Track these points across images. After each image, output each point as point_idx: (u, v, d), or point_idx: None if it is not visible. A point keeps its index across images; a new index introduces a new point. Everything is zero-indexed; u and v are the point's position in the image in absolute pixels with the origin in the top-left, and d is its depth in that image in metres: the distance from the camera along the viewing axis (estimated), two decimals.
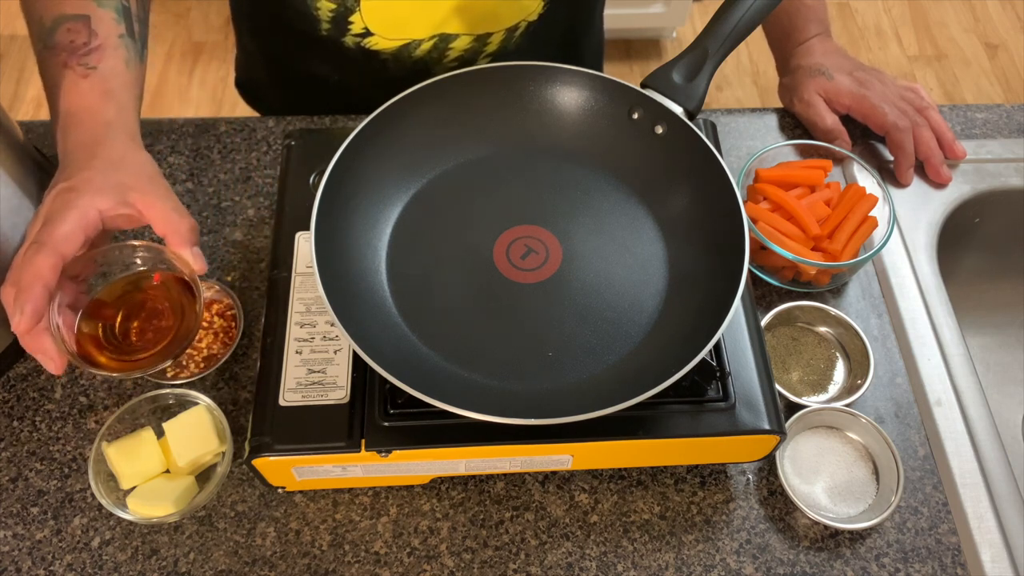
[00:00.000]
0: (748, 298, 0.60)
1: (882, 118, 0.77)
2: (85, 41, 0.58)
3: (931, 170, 0.78)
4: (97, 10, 0.60)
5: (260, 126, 0.80)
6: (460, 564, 0.58)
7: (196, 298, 0.56)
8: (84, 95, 0.57)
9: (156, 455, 0.59)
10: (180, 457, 0.58)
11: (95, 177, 0.53)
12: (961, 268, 0.84)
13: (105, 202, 0.53)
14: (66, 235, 0.51)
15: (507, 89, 0.63)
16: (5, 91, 1.92)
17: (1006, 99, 1.96)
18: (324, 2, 0.74)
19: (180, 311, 0.56)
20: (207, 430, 0.59)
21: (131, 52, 0.61)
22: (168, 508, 0.57)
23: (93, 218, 0.52)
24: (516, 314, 0.57)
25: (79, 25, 0.59)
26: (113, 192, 0.53)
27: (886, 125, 0.77)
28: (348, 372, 0.55)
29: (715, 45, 0.60)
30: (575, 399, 0.52)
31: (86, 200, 0.52)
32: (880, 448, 0.62)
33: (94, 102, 0.57)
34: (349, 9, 0.74)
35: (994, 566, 0.59)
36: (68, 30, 0.59)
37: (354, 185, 0.58)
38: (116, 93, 0.58)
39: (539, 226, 0.60)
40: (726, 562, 0.59)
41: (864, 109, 0.78)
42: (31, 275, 0.50)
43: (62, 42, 0.58)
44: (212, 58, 2.01)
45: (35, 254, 0.50)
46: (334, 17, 0.75)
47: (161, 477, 0.59)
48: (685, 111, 0.59)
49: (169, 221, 0.55)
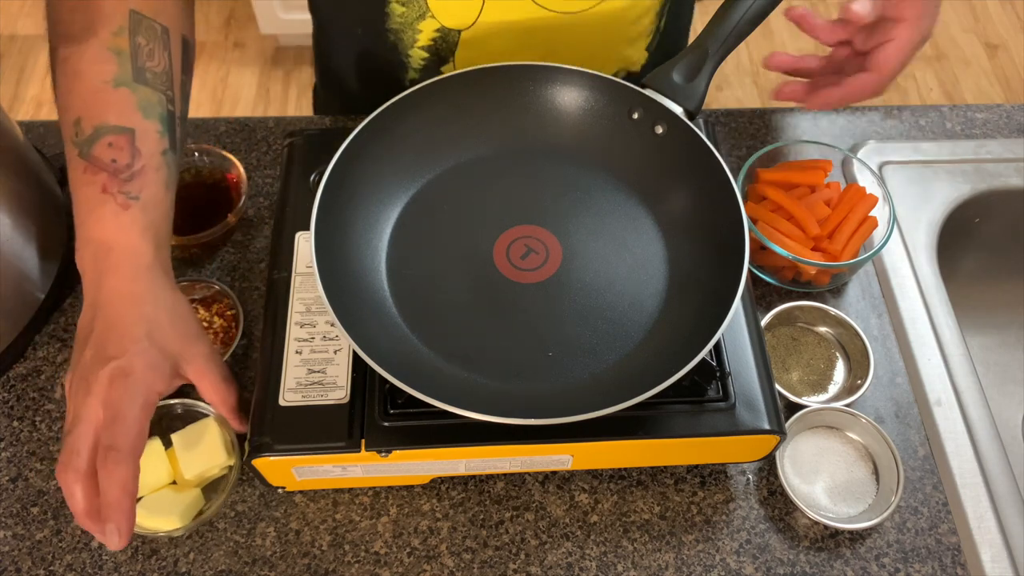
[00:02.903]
0: (748, 298, 0.60)
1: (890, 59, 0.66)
2: (128, 163, 0.54)
3: (823, 96, 0.68)
4: (143, 122, 0.55)
5: (260, 126, 0.80)
6: (460, 564, 0.58)
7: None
8: (125, 230, 0.53)
9: (164, 466, 0.58)
10: (187, 470, 0.58)
11: (146, 351, 0.52)
12: (961, 268, 0.84)
13: (162, 382, 0.53)
14: (138, 434, 0.50)
15: (507, 89, 0.63)
16: (5, 91, 1.92)
17: (1006, 99, 1.96)
18: (417, 51, 0.73)
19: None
20: (215, 443, 0.58)
21: (171, 169, 0.57)
22: (174, 522, 0.56)
23: (153, 404, 0.52)
24: (516, 314, 0.57)
25: (122, 140, 0.54)
26: (167, 368, 0.53)
27: (885, 65, 0.66)
28: (348, 372, 0.55)
29: (715, 45, 0.60)
30: (575, 399, 0.52)
31: (145, 386, 0.51)
32: (880, 448, 0.62)
33: (134, 240, 0.54)
34: (443, 59, 0.74)
35: (994, 566, 0.59)
36: (110, 145, 0.54)
37: (354, 185, 0.58)
38: (156, 227, 0.55)
39: (539, 226, 0.60)
40: (726, 562, 0.59)
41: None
42: (120, 491, 0.48)
43: (102, 159, 0.54)
44: (212, 58, 2.01)
45: (116, 465, 0.48)
46: (425, 66, 0.75)
47: (168, 488, 0.58)
48: (685, 111, 0.59)
49: (218, 391, 0.57)
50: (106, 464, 0.49)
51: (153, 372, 0.52)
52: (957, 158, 0.79)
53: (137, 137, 0.55)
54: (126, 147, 0.54)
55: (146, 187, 0.55)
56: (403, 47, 0.74)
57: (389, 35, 0.73)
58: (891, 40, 0.61)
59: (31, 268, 0.65)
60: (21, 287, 0.64)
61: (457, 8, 0.70)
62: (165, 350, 0.53)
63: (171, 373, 0.54)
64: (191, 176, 0.72)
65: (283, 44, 2.04)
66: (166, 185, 0.56)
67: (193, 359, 0.55)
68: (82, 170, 0.54)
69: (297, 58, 2.02)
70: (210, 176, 0.73)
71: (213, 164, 0.72)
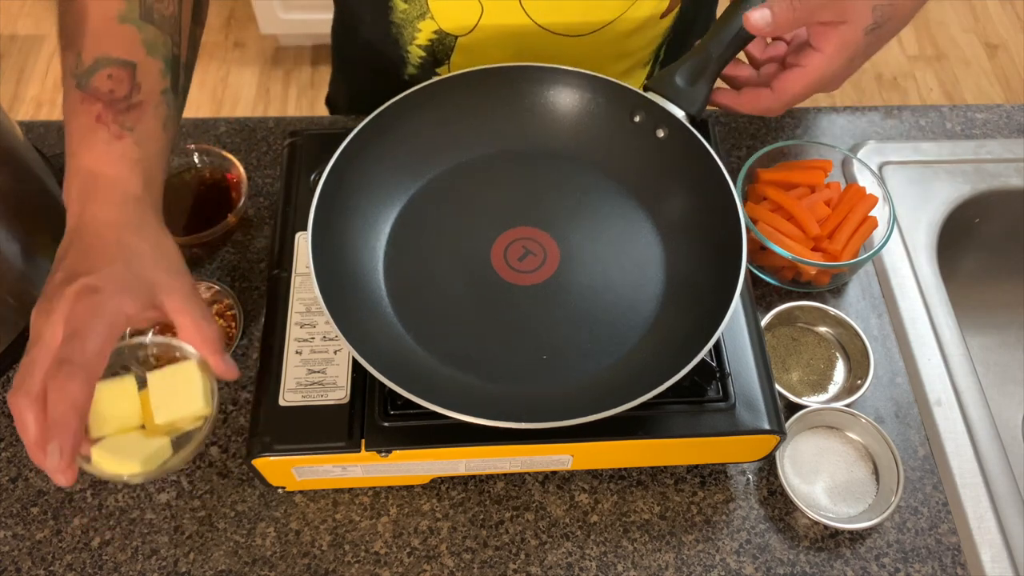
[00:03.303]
0: (748, 298, 0.60)
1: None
2: (126, 94, 0.52)
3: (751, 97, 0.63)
4: (146, 59, 0.54)
5: (260, 126, 0.80)
6: (460, 564, 0.59)
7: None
8: (114, 161, 0.52)
9: (133, 406, 0.52)
10: (159, 414, 0.52)
11: (121, 273, 0.49)
12: (961, 268, 0.84)
13: (133, 306, 0.49)
14: (97, 352, 0.46)
15: (507, 90, 0.63)
16: (5, 91, 1.92)
17: (1006, 99, 1.96)
18: (415, 48, 0.74)
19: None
20: (194, 389, 0.52)
21: (171, 110, 0.56)
22: (134, 467, 0.50)
23: (120, 325, 0.48)
24: (513, 316, 0.57)
25: (123, 73, 0.53)
26: (141, 293, 0.49)
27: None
28: (348, 372, 0.55)
29: (718, 50, 0.60)
30: (574, 401, 0.52)
31: (113, 305, 0.48)
32: (880, 448, 0.62)
33: (124, 171, 0.52)
34: (438, 61, 0.74)
35: (994, 566, 0.59)
36: (109, 76, 0.52)
37: (353, 185, 0.58)
38: (148, 162, 0.53)
39: (537, 228, 0.60)
40: (726, 562, 0.59)
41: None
42: (67, 406, 0.44)
43: (100, 90, 0.52)
44: (212, 58, 2.01)
45: (67, 379, 0.45)
46: (422, 64, 0.76)
47: (135, 432, 0.52)
48: (687, 115, 0.59)
49: (199, 329, 0.51)
50: (56, 377, 0.45)
51: (124, 293, 0.48)
52: (957, 158, 0.79)
53: (138, 71, 0.53)
54: (126, 80, 0.53)
55: (142, 121, 0.53)
56: (403, 42, 0.74)
57: (392, 28, 0.74)
58: (801, 67, 0.60)
59: (31, 268, 0.65)
60: (20, 287, 0.64)
61: (456, 13, 0.70)
62: (141, 276, 0.50)
63: (145, 301, 0.49)
64: (191, 176, 0.72)
65: (283, 44, 2.04)
66: (163, 125, 0.54)
67: (172, 292, 0.51)
68: (79, 100, 0.52)
69: (297, 58, 2.02)
70: (210, 176, 0.73)
71: (213, 164, 0.73)
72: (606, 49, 0.75)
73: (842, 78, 0.60)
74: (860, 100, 1.97)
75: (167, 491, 0.61)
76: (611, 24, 0.72)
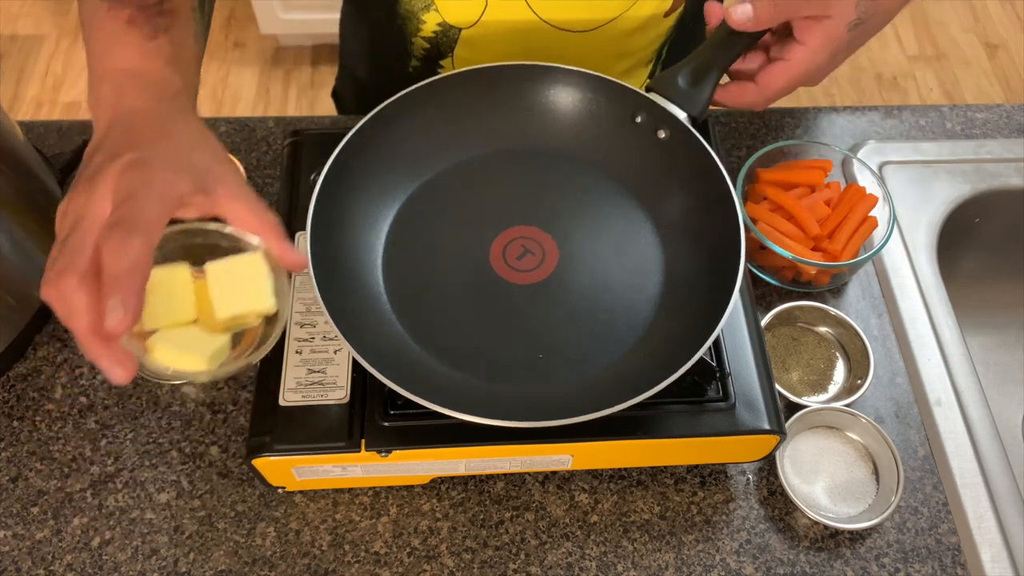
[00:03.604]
0: (748, 298, 0.60)
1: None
2: (158, 0, 0.50)
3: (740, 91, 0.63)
4: None
5: (260, 126, 0.80)
6: (460, 564, 0.59)
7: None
8: (150, 57, 0.48)
9: (188, 297, 0.46)
10: (221, 307, 0.45)
11: (171, 154, 0.44)
12: (961, 268, 0.84)
13: (186, 185, 0.43)
14: (156, 218, 0.41)
15: (507, 89, 0.63)
16: (5, 91, 1.92)
17: (1006, 99, 1.96)
18: (419, 40, 0.74)
19: None
20: (261, 283, 0.46)
21: (200, 28, 0.53)
22: (199, 362, 0.44)
23: (173, 201, 0.42)
24: (512, 315, 0.57)
25: None
26: (194, 175, 0.44)
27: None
28: (348, 372, 0.55)
29: (721, 51, 0.60)
30: (573, 401, 0.52)
31: (167, 179, 0.42)
32: (880, 448, 0.62)
33: (161, 67, 0.48)
34: (442, 53, 0.75)
35: (994, 566, 0.59)
36: None
37: (352, 183, 0.58)
38: (184, 64, 0.50)
39: (536, 227, 0.60)
40: (726, 562, 0.59)
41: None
42: (130, 263, 0.38)
43: None
44: (212, 58, 2.01)
45: (127, 237, 0.39)
46: (425, 57, 0.76)
47: (191, 326, 0.46)
48: (688, 116, 0.59)
49: (257, 215, 0.46)
50: (111, 238, 0.39)
51: (175, 171, 0.43)
52: (957, 158, 0.79)
53: None
54: None
55: (175, 27, 0.50)
56: (407, 34, 0.75)
57: (397, 19, 0.74)
58: (785, 60, 0.60)
59: (31, 268, 0.65)
60: (21, 287, 0.64)
61: (460, 6, 0.71)
62: (190, 159, 0.45)
63: (195, 184, 0.44)
64: None
65: (283, 44, 2.04)
66: (195, 37, 0.52)
67: (224, 176, 0.46)
68: (106, 9, 0.49)
69: (297, 58, 2.02)
70: None
71: None
72: (609, 47, 0.75)
73: (825, 72, 0.61)
74: (860, 100, 1.97)
75: (167, 491, 0.61)
76: (614, 21, 0.72)
